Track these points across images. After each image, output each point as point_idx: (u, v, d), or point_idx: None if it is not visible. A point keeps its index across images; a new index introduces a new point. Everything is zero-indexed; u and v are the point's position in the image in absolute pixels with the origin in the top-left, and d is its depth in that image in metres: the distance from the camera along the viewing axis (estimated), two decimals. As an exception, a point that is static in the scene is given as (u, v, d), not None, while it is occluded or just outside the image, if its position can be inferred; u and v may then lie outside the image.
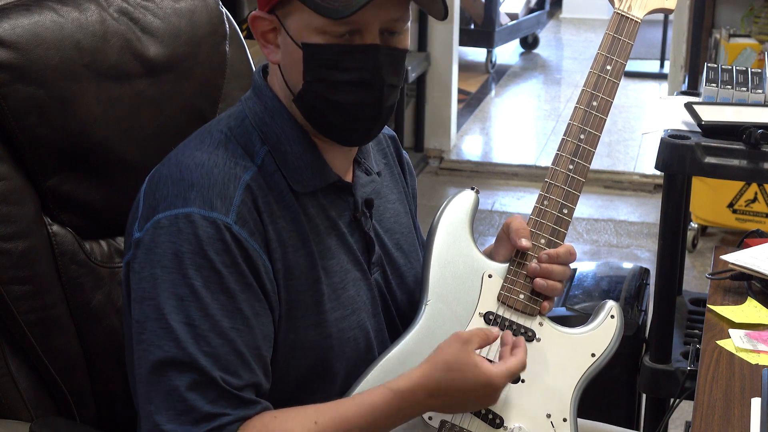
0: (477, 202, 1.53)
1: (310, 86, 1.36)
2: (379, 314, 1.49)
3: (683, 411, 2.91)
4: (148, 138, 1.60)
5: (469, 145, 5.81)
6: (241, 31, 1.77)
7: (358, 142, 1.44)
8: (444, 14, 1.37)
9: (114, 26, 1.57)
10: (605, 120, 1.53)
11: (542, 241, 1.49)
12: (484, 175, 5.30)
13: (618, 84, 1.54)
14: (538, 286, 1.47)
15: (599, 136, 1.52)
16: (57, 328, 1.53)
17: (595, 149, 1.51)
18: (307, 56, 1.34)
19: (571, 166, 1.51)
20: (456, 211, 1.52)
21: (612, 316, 1.50)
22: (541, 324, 1.47)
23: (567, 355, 1.47)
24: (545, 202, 1.50)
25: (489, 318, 1.47)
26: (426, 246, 1.51)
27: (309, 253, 1.39)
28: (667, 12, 1.62)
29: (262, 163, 1.37)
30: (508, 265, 1.49)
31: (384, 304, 1.50)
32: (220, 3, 1.74)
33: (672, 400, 2.18)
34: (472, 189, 1.54)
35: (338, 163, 1.44)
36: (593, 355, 1.48)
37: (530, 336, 1.46)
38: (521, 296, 1.47)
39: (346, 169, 1.46)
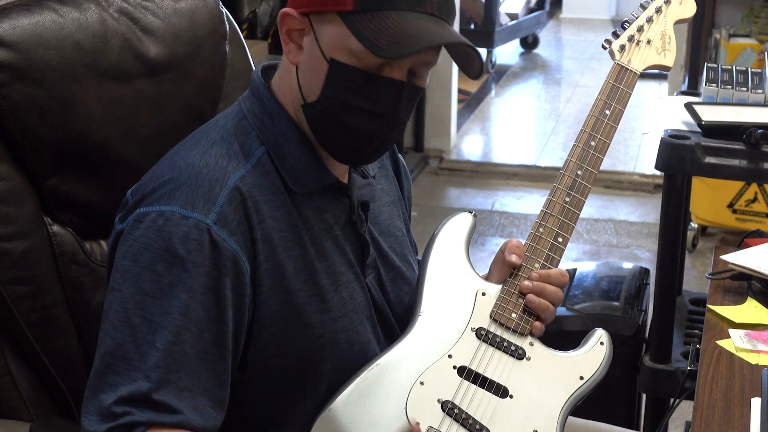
0: (474, 225, 1.57)
1: (326, 101, 1.35)
2: (373, 316, 1.49)
3: (683, 411, 2.91)
4: (148, 138, 1.60)
5: (469, 145, 5.81)
6: (241, 31, 1.77)
7: (353, 164, 1.46)
8: (478, 75, 1.39)
9: (114, 26, 1.57)
10: (602, 159, 1.57)
11: (536, 265, 1.52)
12: (484, 175, 5.30)
13: (616, 128, 1.59)
14: (530, 302, 1.49)
15: (596, 173, 1.56)
16: (57, 328, 1.53)
17: (591, 185, 1.56)
18: (332, 73, 1.33)
19: (567, 198, 1.55)
20: (453, 231, 1.55)
21: (602, 343, 1.52)
22: (531, 344, 1.50)
23: (556, 375, 1.49)
24: (541, 230, 1.53)
25: (480, 333, 1.49)
26: (422, 259, 1.53)
27: (302, 254, 1.39)
28: (664, 69, 1.69)
29: (257, 163, 1.37)
30: (501, 285, 1.52)
31: (379, 306, 1.50)
32: (220, 3, 1.74)
33: (672, 400, 2.18)
34: (470, 212, 1.57)
35: (336, 165, 1.44)
36: (581, 378, 1.49)
37: (520, 354, 1.48)
38: (513, 315, 1.50)
39: (343, 171, 1.46)
